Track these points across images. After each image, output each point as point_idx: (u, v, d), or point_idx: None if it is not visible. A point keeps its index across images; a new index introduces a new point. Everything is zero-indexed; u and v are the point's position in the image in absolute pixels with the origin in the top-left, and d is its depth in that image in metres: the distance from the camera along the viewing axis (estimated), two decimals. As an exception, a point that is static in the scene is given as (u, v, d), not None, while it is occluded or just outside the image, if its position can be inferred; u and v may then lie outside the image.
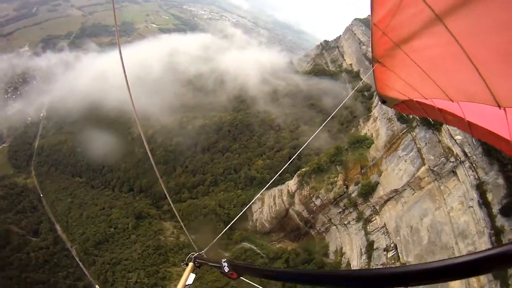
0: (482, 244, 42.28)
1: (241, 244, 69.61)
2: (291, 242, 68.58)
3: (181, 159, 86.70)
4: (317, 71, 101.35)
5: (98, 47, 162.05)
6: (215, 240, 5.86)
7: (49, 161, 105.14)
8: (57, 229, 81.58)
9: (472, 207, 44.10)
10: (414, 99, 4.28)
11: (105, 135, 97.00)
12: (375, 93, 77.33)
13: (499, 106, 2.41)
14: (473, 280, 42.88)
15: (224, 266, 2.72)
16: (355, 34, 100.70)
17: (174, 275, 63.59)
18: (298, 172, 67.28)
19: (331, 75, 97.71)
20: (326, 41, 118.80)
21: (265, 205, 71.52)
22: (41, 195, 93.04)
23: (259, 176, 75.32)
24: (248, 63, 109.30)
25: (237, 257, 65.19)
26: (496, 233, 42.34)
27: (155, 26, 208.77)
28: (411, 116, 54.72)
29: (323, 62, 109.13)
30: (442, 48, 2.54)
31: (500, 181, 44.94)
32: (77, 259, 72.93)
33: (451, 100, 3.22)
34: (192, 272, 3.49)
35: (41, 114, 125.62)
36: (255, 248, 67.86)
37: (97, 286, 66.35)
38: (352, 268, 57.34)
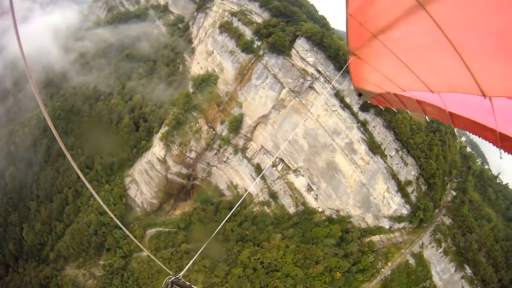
0: (355, 135, 51.28)
1: (146, 234, 61.03)
2: (185, 201, 63.86)
3: (27, 192, 67.53)
4: (120, 17, 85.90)
5: None
6: (190, 263, 6.52)
7: None
8: None
9: (336, 111, 51.69)
10: (392, 92, 4.12)
11: None
12: (191, 23, 71.83)
13: (484, 96, 2.35)
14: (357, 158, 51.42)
15: None
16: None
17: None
18: (159, 136, 60.22)
19: (137, 16, 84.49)
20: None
21: (141, 184, 61.73)
22: None
23: (116, 159, 62.64)
24: (39, 34, 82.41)
25: (157, 247, 57.17)
26: (363, 124, 49.38)
27: None
28: (255, 45, 57.31)
29: (118, 3, 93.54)
30: (424, 37, 2.43)
31: (353, 86, 48.88)
32: None
33: (431, 91, 3.15)
34: None
35: None
36: (161, 229, 60.58)
37: None
38: (252, 193, 58.33)
